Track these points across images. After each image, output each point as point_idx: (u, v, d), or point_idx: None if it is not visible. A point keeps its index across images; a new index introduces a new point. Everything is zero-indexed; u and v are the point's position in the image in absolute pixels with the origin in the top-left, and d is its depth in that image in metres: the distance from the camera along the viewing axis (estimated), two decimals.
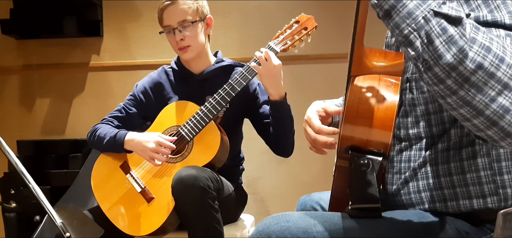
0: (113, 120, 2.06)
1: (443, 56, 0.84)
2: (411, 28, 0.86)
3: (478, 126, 0.88)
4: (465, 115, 0.87)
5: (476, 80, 0.84)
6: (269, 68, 1.84)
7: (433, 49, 0.84)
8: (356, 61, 1.04)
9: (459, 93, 0.85)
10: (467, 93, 0.85)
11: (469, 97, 0.85)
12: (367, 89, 1.03)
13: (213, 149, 1.87)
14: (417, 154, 1.11)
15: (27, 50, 3.45)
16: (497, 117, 0.85)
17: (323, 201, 1.37)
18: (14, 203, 2.57)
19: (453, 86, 0.85)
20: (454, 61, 0.83)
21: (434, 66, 0.85)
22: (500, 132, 0.86)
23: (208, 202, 1.72)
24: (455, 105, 0.87)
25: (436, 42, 0.84)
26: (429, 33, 0.85)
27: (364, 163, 1.02)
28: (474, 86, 0.84)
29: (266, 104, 2.04)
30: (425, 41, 0.85)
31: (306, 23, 1.94)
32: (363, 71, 1.05)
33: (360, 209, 1.04)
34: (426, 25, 0.85)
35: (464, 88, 0.84)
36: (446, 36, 0.84)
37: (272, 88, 1.87)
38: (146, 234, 1.84)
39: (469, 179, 1.04)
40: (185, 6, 1.95)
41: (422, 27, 0.85)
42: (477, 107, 0.85)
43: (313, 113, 1.28)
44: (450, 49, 0.83)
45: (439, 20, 0.85)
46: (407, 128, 1.13)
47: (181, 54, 2.01)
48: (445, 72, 0.84)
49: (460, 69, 0.83)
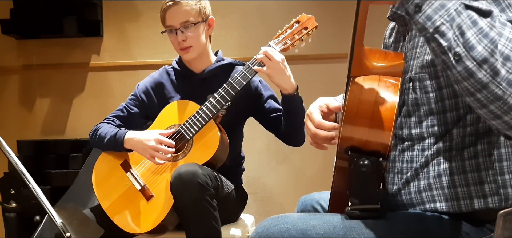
0: (114, 119, 2.07)
1: (474, 48, 0.86)
2: (443, 20, 0.88)
3: (509, 123, 0.89)
4: (495, 111, 0.88)
5: (506, 73, 0.85)
6: (274, 66, 1.84)
7: (465, 40, 0.86)
8: (356, 61, 1.04)
9: (490, 87, 0.86)
10: (498, 87, 0.86)
11: (500, 91, 0.86)
12: (367, 90, 1.03)
13: (213, 148, 1.87)
14: (420, 155, 1.11)
15: (27, 50, 3.45)
16: None
17: (323, 200, 1.37)
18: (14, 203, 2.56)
19: (484, 79, 0.86)
20: (486, 53, 0.85)
21: (466, 58, 0.86)
22: None
23: (206, 199, 1.72)
24: (485, 101, 0.88)
25: (468, 34, 0.86)
26: (461, 25, 0.87)
27: (364, 164, 1.02)
28: (504, 80, 0.85)
29: (271, 98, 2.06)
30: (457, 33, 0.87)
31: (306, 23, 1.94)
32: (363, 72, 1.05)
33: (360, 210, 1.04)
34: (458, 17, 0.87)
35: (495, 81, 0.86)
36: (477, 28, 0.86)
37: (283, 83, 1.88)
38: (145, 231, 1.85)
39: (470, 179, 1.04)
40: (188, 7, 1.95)
41: (454, 19, 0.87)
42: (508, 101, 0.86)
43: (315, 108, 1.28)
44: (481, 41, 0.86)
45: (470, 12, 0.87)
46: (410, 128, 1.12)
47: (183, 54, 2.01)
48: (476, 64, 0.86)
49: (491, 61, 0.85)
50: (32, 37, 3.40)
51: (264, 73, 1.87)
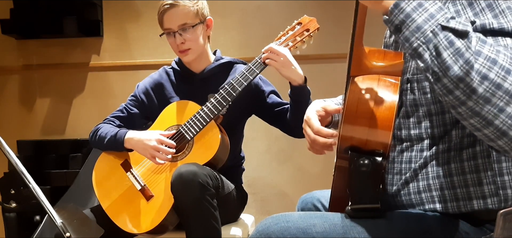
0: (114, 120, 2.07)
1: (450, 68, 0.87)
2: (420, 41, 0.91)
3: (489, 136, 0.90)
4: (476, 125, 0.90)
5: (483, 91, 0.87)
6: (281, 60, 1.86)
7: (441, 61, 0.88)
8: (356, 61, 1.04)
9: (468, 103, 0.88)
10: (476, 104, 0.88)
11: (478, 108, 0.88)
12: (367, 90, 1.04)
13: (213, 148, 1.87)
14: (418, 155, 1.11)
15: (27, 50, 3.45)
16: (507, 127, 0.88)
17: (324, 199, 1.37)
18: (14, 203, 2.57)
19: (462, 97, 0.88)
20: (461, 73, 0.87)
21: (443, 77, 0.88)
22: (510, 142, 0.89)
23: (207, 198, 1.72)
24: (465, 115, 0.90)
25: (444, 55, 0.88)
26: (437, 46, 0.89)
27: (364, 163, 1.02)
28: (481, 97, 0.87)
29: (272, 93, 2.07)
30: (434, 54, 0.89)
31: (308, 25, 1.95)
32: (363, 71, 1.05)
33: (360, 210, 1.04)
34: (434, 38, 0.89)
35: (472, 99, 0.87)
36: (453, 49, 0.87)
37: (292, 74, 1.89)
38: (144, 231, 1.86)
39: (469, 180, 1.04)
40: (185, 10, 1.94)
41: (430, 41, 0.89)
42: (486, 117, 0.88)
43: (313, 113, 1.28)
44: (457, 61, 0.87)
45: (446, 33, 0.89)
46: (409, 128, 1.13)
47: (182, 56, 2.02)
48: (453, 83, 0.88)
49: (467, 80, 0.87)
50: (32, 37, 3.40)
51: (273, 67, 1.88)
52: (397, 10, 0.93)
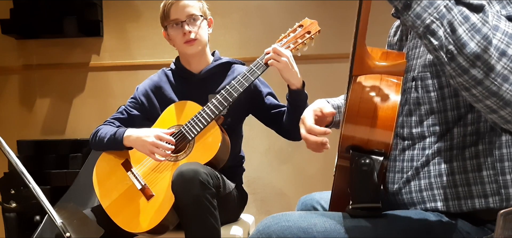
0: (114, 121, 2.08)
1: (467, 45, 0.83)
2: (433, 17, 0.86)
3: (505, 118, 0.87)
4: (492, 106, 0.86)
5: (501, 69, 0.82)
6: (283, 61, 1.88)
7: (457, 38, 0.83)
8: (358, 60, 1.04)
9: (484, 82, 0.84)
10: (493, 83, 0.83)
11: (495, 87, 0.83)
12: (369, 89, 1.03)
13: (214, 148, 1.88)
14: (420, 154, 1.11)
15: (27, 50, 3.45)
16: None
17: (323, 200, 1.37)
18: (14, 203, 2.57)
19: (478, 76, 0.84)
20: (479, 49, 0.82)
21: (458, 55, 0.84)
22: None
23: (207, 197, 1.73)
24: (480, 97, 0.86)
25: (459, 31, 0.83)
26: (452, 21, 0.84)
27: (365, 162, 1.02)
28: (499, 75, 0.83)
29: (270, 95, 2.09)
30: (448, 30, 0.84)
31: (309, 27, 1.96)
32: (365, 71, 1.05)
33: (361, 209, 1.04)
34: (448, 13, 0.84)
35: (490, 77, 0.83)
36: (469, 24, 0.83)
37: (292, 78, 1.92)
38: (144, 231, 1.86)
39: (471, 179, 1.04)
40: (192, 3, 2.02)
41: (444, 16, 0.85)
42: (504, 97, 0.84)
43: (309, 113, 1.29)
44: (473, 37, 0.83)
45: (461, 8, 0.84)
46: (411, 127, 1.12)
47: (187, 47, 2.02)
48: (470, 61, 0.83)
49: (484, 57, 0.82)
50: (32, 37, 3.40)
51: (276, 68, 1.90)
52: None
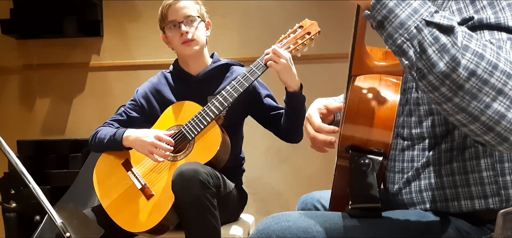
0: (113, 123, 2.09)
1: (436, 65, 0.85)
2: (404, 38, 0.87)
3: (475, 132, 0.88)
4: (462, 121, 0.88)
5: (470, 87, 0.84)
6: (282, 63, 1.89)
7: (426, 57, 0.85)
8: (357, 60, 1.04)
9: (454, 100, 0.86)
10: (462, 100, 0.85)
11: (464, 104, 0.85)
12: (368, 89, 1.03)
13: (214, 148, 1.88)
14: (421, 154, 1.11)
15: (27, 50, 3.45)
16: (493, 123, 0.85)
17: (324, 199, 1.37)
18: (14, 203, 2.57)
19: (448, 93, 0.86)
20: (447, 69, 0.84)
21: (428, 74, 0.86)
22: (496, 137, 0.86)
23: (207, 196, 1.73)
24: (451, 112, 0.88)
25: (429, 51, 0.85)
26: (422, 42, 0.85)
27: (365, 162, 1.02)
28: (468, 93, 0.85)
29: (268, 97, 2.10)
30: (418, 50, 0.86)
31: (309, 28, 1.97)
32: (364, 71, 1.05)
33: (360, 209, 1.04)
34: (419, 34, 0.86)
35: (459, 95, 0.85)
36: (438, 45, 0.85)
37: (290, 80, 1.92)
38: (144, 230, 1.86)
39: (471, 180, 1.04)
40: (189, 4, 2.03)
41: (414, 37, 0.86)
42: (472, 113, 0.86)
43: (314, 111, 1.28)
44: (443, 57, 0.84)
45: (431, 29, 0.86)
46: (410, 127, 1.12)
47: (185, 48, 2.02)
48: (439, 80, 0.85)
49: (453, 77, 0.84)
50: (32, 37, 3.40)
51: (274, 69, 1.91)
52: (379, 5, 0.88)
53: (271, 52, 1.91)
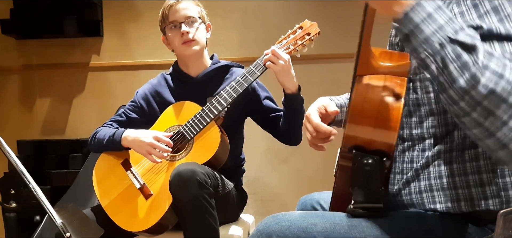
0: (113, 123, 2.10)
1: (456, 81, 0.88)
2: (427, 53, 0.90)
3: (490, 147, 0.92)
4: (478, 135, 0.92)
5: (488, 104, 0.88)
6: (280, 64, 1.89)
7: (448, 73, 0.88)
8: (363, 60, 1.04)
9: (472, 114, 0.89)
10: (480, 116, 0.89)
11: (481, 119, 0.89)
12: (373, 89, 1.03)
13: (213, 148, 1.89)
14: (420, 155, 1.10)
15: (27, 50, 3.45)
16: (508, 140, 0.89)
17: (323, 200, 1.37)
18: (14, 203, 2.57)
19: (466, 108, 0.89)
20: (467, 86, 0.87)
21: (449, 88, 0.89)
22: (509, 155, 0.90)
23: (205, 197, 1.74)
24: (468, 125, 0.91)
25: (450, 67, 0.88)
26: (444, 58, 0.89)
27: (368, 162, 1.02)
28: (486, 110, 0.88)
29: (267, 99, 2.11)
30: (441, 66, 0.89)
31: (309, 29, 1.98)
32: (369, 71, 1.05)
33: (362, 209, 1.04)
34: (442, 50, 0.89)
35: (477, 111, 0.88)
36: (460, 62, 0.88)
37: (288, 82, 1.93)
38: (142, 230, 1.86)
39: (471, 181, 1.04)
40: (190, 6, 2.05)
41: (438, 53, 0.89)
42: (488, 128, 0.89)
43: (314, 110, 1.29)
44: (463, 74, 0.87)
45: (454, 46, 0.89)
46: (411, 128, 1.12)
47: (185, 48, 2.03)
48: (459, 95, 0.89)
49: (472, 93, 0.87)
50: (32, 37, 3.39)
51: (272, 70, 1.91)
52: (406, 20, 0.92)
53: (270, 53, 1.91)
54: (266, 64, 1.92)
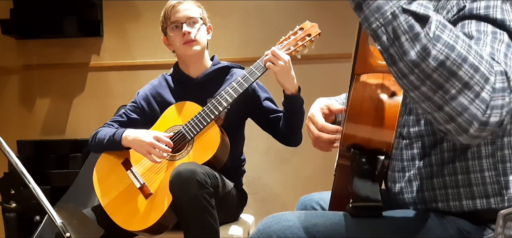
0: (113, 124, 2.11)
1: (407, 53, 0.85)
2: (379, 22, 0.87)
3: (438, 120, 0.89)
4: (427, 109, 0.89)
5: (437, 78, 0.85)
6: (280, 65, 1.89)
7: (399, 45, 0.85)
8: (361, 59, 1.04)
9: (421, 88, 0.86)
10: (429, 89, 0.86)
11: (430, 93, 0.86)
12: (371, 88, 1.03)
13: (213, 148, 1.89)
14: (421, 153, 1.10)
15: (27, 50, 3.45)
16: (456, 114, 0.86)
17: (323, 201, 1.37)
18: (14, 203, 2.56)
19: (416, 82, 0.86)
20: (417, 59, 0.84)
21: (399, 61, 0.86)
22: (457, 128, 0.87)
23: (204, 196, 1.74)
24: (417, 99, 0.89)
25: (402, 39, 0.85)
26: (396, 29, 0.85)
27: (366, 161, 1.02)
28: (435, 83, 0.85)
29: (268, 100, 2.11)
30: (392, 37, 0.86)
31: (310, 30, 1.98)
32: (367, 70, 1.05)
33: (362, 207, 1.04)
34: (394, 21, 0.86)
35: (426, 84, 0.86)
36: (412, 33, 0.85)
37: (287, 83, 1.93)
38: (141, 229, 1.87)
39: (473, 179, 1.03)
40: (192, 7, 2.06)
41: (389, 23, 0.86)
42: (437, 102, 0.86)
43: (317, 110, 1.28)
44: (414, 46, 0.84)
45: (407, 17, 0.85)
46: (409, 126, 1.12)
47: (186, 48, 2.04)
48: (409, 68, 0.86)
49: (422, 66, 0.85)
50: (32, 37, 3.39)
51: (272, 70, 1.91)
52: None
53: (270, 54, 1.92)
54: (266, 64, 1.92)
